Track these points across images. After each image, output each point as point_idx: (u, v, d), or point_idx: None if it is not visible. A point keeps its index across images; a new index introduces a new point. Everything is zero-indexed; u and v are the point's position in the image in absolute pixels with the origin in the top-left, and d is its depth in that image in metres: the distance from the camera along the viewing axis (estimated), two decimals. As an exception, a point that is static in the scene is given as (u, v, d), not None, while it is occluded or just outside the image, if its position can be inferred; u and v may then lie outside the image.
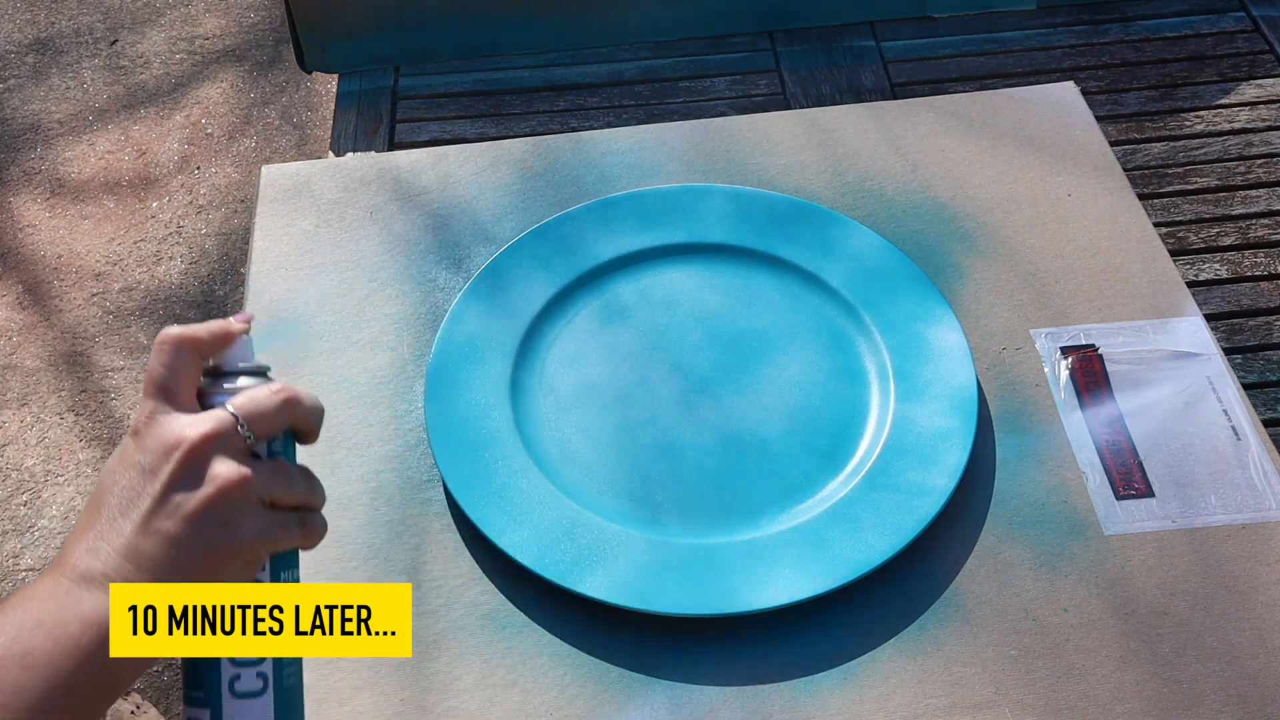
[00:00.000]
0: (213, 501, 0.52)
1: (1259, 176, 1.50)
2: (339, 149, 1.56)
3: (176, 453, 0.53)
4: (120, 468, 0.54)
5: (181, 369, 0.55)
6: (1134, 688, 0.70)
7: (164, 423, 0.54)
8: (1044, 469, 0.80)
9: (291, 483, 0.56)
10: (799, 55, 1.68)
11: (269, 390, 0.56)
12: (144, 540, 0.52)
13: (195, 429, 0.53)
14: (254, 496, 0.54)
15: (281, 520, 0.55)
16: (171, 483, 0.52)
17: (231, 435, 0.54)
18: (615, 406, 0.83)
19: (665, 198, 0.94)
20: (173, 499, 0.52)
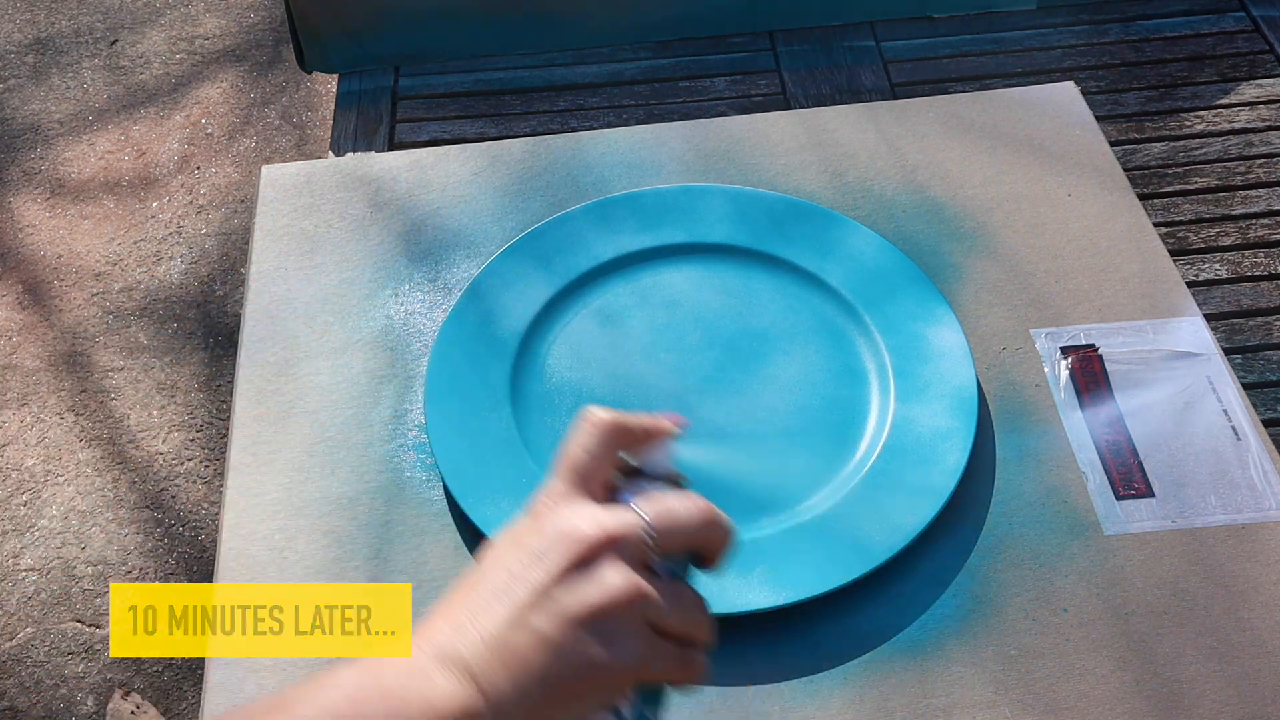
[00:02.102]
0: (599, 609, 0.47)
1: (1259, 176, 1.50)
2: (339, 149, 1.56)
3: (573, 545, 0.48)
4: (508, 546, 0.50)
5: (602, 457, 0.51)
6: (1134, 688, 0.70)
7: (567, 509, 0.50)
8: (1044, 469, 0.80)
9: (685, 610, 0.50)
10: (799, 55, 1.68)
11: (688, 502, 0.51)
12: (514, 634, 0.47)
13: (600, 525, 0.48)
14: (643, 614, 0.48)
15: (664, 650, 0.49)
16: (559, 577, 0.47)
17: (636, 542, 0.48)
18: (615, 406, 0.83)
19: (664, 198, 0.94)
20: (556, 594, 0.47)
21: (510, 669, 0.46)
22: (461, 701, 0.46)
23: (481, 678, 0.46)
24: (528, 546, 0.49)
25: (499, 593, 0.48)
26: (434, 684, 0.46)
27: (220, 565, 0.77)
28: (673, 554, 0.50)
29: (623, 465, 0.52)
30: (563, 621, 0.47)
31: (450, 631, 0.47)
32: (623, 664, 0.47)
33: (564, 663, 0.46)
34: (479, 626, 0.47)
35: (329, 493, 0.80)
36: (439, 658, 0.47)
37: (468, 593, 0.49)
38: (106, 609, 1.68)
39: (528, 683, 0.46)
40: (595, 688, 0.47)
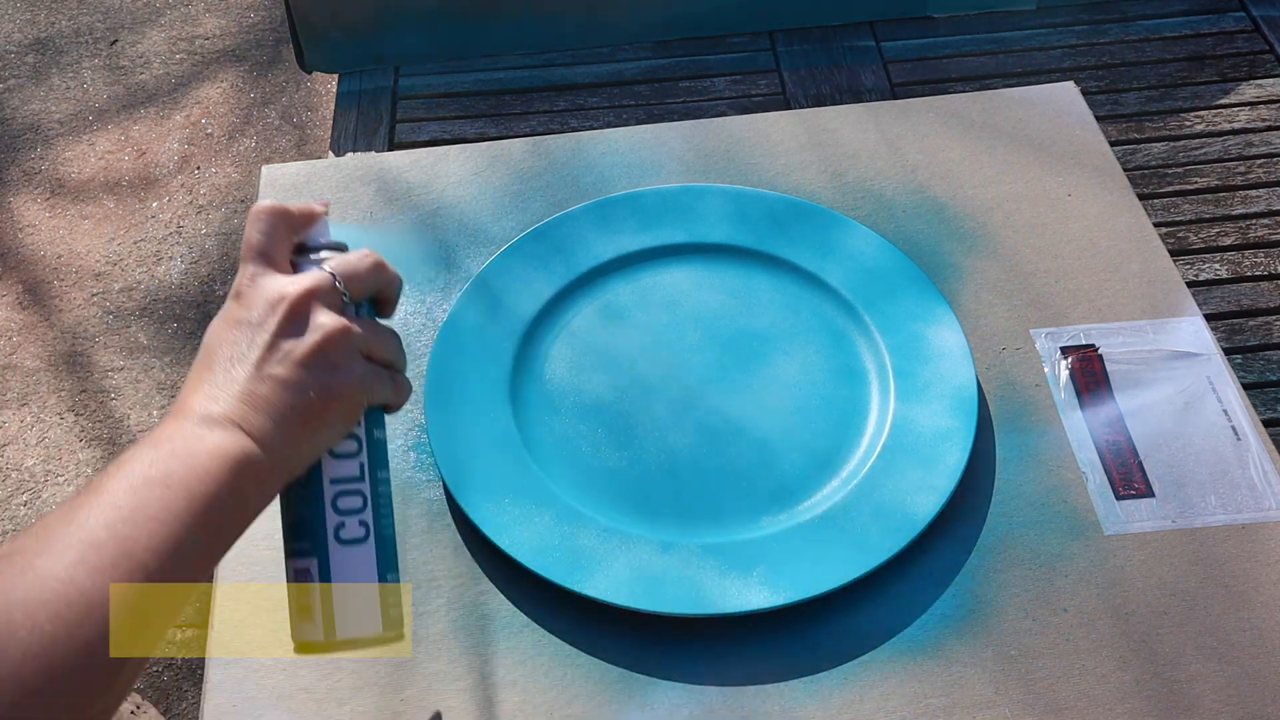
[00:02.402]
0: (319, 346, 0.57)
1: (1259, 176, 1.50)
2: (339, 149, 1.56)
3: (282, 305, 0.57)
4: (225, 326, 0.57)
5: (278, 236, 0.60)
6: (1134, 688, 0.70)
7: (267, 281, 0.58)
8: (1044, 469, 0.80)
9: (384, 339, 0.61)
10: (799, 55, 1.68)
11: (360, 254, 0.61)
12: (258, 385, 0.55)
13: (298, 284, 0.58)
14: (354, 346, 0.58)
15: (377, 372, 0.60)
16: (279, 332, 0.56)
17: (330, 291, 0.59)
18: (615, 406, 0.83)
19: (664, 198, 0.94)
20: (282, 346, 0.56)
21: (265, 412, 0.55)
22: (236, 444, 0.54)
23: (244, 424, 0.55)
24: (244, 319, 0.57)
25: (234, 360, 0.56)
26: (210, 439, 0.54)
27: (220, 565, 0.77)
28: (359, 301, 0.61)
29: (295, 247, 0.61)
30: (294, 363, 0.56)
31: (204, 400, 0.55)
32: (350, 384, 0.58)
33: (303, 394, 0.56)
34: (226, 391, 0.55)
35: (329, 493, 0.80)
36: (204, 422, 0.54)
37: (204, 372, 0.57)
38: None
39: (282, 418, 0.55)
40: (336, 411, 0.58)
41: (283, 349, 0.56)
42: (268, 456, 0.55)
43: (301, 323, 0.57)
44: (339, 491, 0.60)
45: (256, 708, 0.70)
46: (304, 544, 0.60)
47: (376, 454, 0.62)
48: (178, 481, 0.52)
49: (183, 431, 0.54)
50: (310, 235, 0.62)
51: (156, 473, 0.52)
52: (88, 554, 0.48)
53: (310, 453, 0.58)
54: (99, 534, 0.49)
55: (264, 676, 0.71)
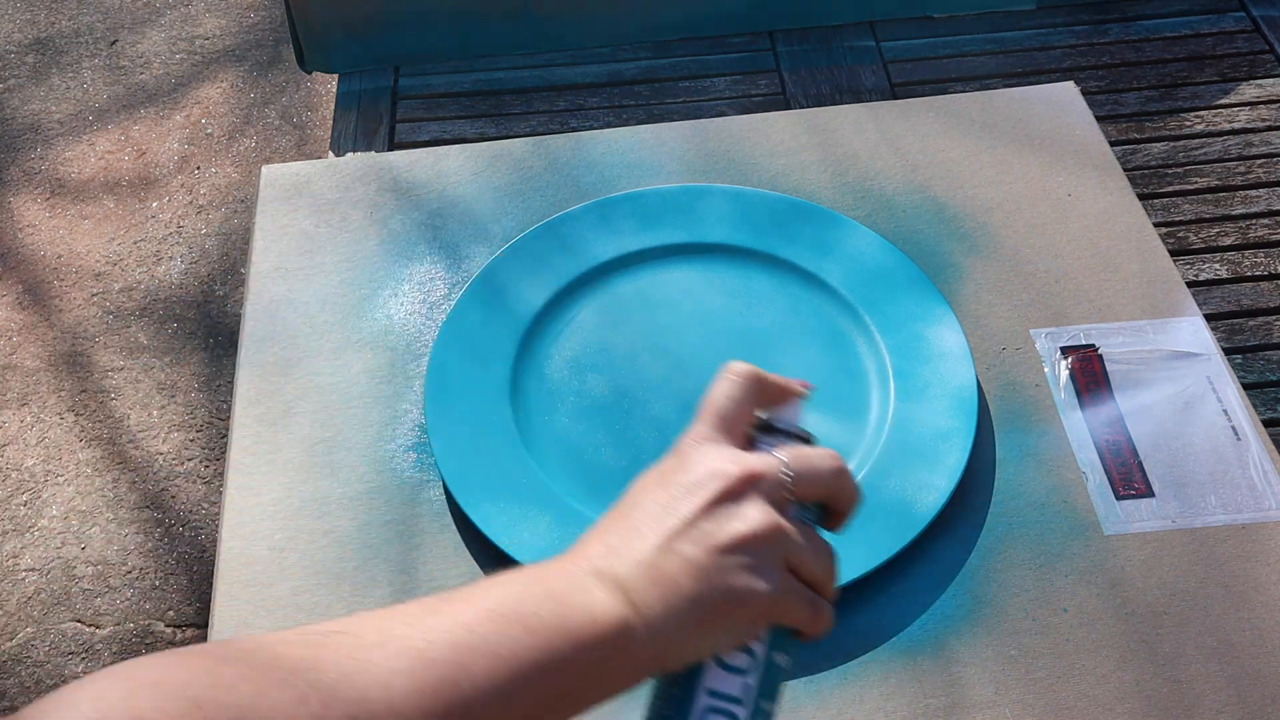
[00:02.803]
0: (744, 539, 0.50)
1: (1259, 176, 1.50)
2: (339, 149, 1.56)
3: (718, 480, 0.51)
4: (651, 483, 0.53)
5: (744, 405, 0.55)
6: (1134, 688, 0.70)
7: (713, 449, 0.53)
8: (1044, 469, 0.80)
9: (819, 554, 0.53)
10: (799, 55, 1.68)
11: (823, 453, 0.54)
12: (665, 558, 0.50)
13: (743, 464, 0.52)
14: (782, 552, 0.51)
15: (799, 590, 0.52)
16: (706, 509, 0.50)
17: (776, 483, 0.52)
18: (615, 406, 0.83)
19: (665, 198, 0.94)
20: (703, 525, 0.50)
21: (661, 590, 0.49)
22: (618, 614, 0.48)
23: (635, 595, 0.48)
24: (676, 482, 0.52)
25: (650, 521, 0.51)
26: (593, 595, 0.48)
27: (220, 565, 0.77)
28: (806, 504, 0.53)
29: (757, 421, 0.55)
30: (710, 549, 0.49)
31: (604, 553, 0.50)
32: (763, 592, 0.50)
33: (710, 586, 0.49)
34: (632, 551, 0.50)
35: (329, 493, 0.80)
36: (595, 574, 0.49)
37: (618, 521, 0.51)
38: (106, 609, 1.68)
39: (677, 604, 0.49)
40: (737, 615, 0.50)
41: (704, 529, 0.50)
42: (647, 639, 0.48)
43: (733, 507, 0.50)
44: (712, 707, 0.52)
45: (256, 708, 0.70)
46: None
47: (769, 680, 0.53)
48: (541, 628, 0.46)
49: (569, 577, 0.49)
50: (779, 414, 0.56)
51: (525, 610, 0.47)
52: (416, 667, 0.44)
53: (693, 653, 0.51)
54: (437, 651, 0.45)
55: (264, 676, 0.71)
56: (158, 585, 1.71)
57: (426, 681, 0.43)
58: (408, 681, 0.43)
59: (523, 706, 0.45)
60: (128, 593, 1.70)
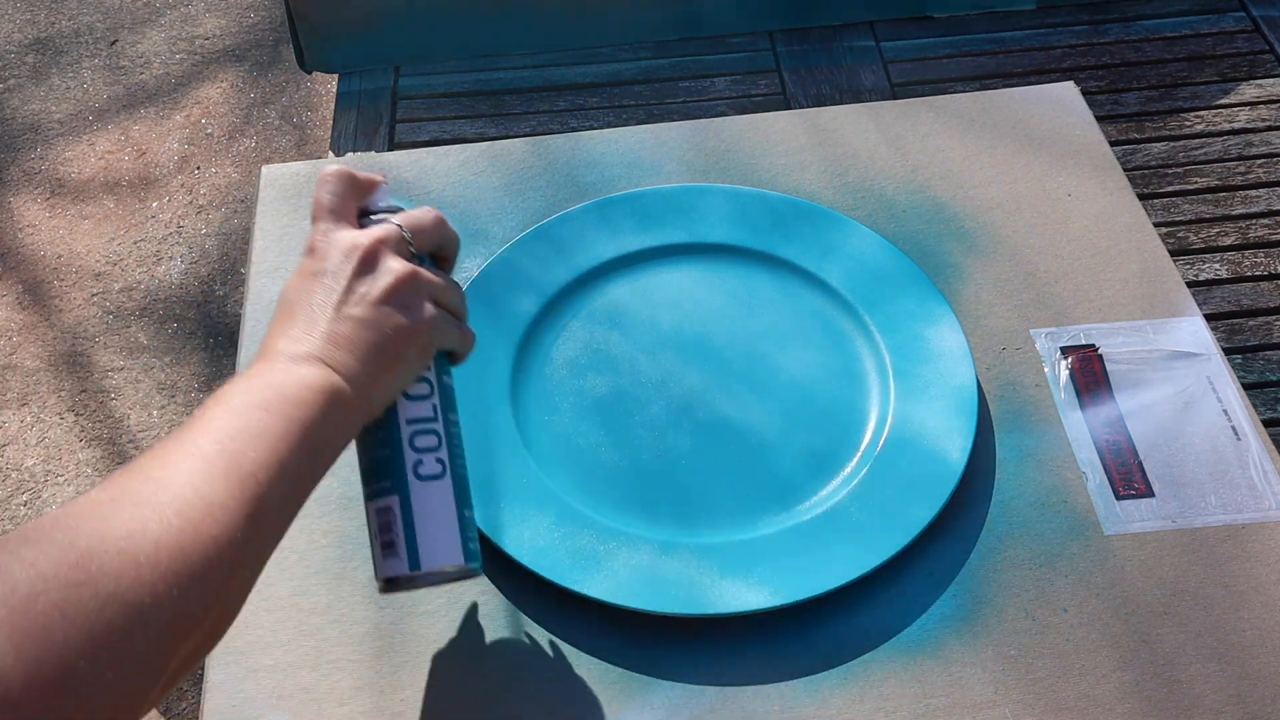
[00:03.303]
0: (393, 287, 0.61)
1: (1259, 176, 1.50)
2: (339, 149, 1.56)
3: (355, 253, 0.62)
4: (301, 279, 0.62)
5: (346, 197, 0.65)
6: (1134, 688, 0.70)
7: (339, 234, 0.63)
8: (1044, 469, 0.80)
9: (450, 288, 0.65)
10: (799, 55, 1.68)
11: (424, 210, 0.66)
12: (339, 325, 0.60)
13: (369, 235, 0.63)
14: (424, 291, 0.63)
15: (445, 317, 0.65)
16: (354, 276, 0.61)
17: (399, 241, 0.63)
18: (615, 406, 0.83)
19: (665, 198, 0.94)
20: (357, 289, 0.61)
21: (347, 349, 0.59)
22: (324, 379, 0.58)
23: (329, 360, 0.59)
24: (320, 270, 0.62)
25: (314, 306, 0.61)
26: (301, 374, 0.58)
27: (220, 565, 0.77)
28: (422, 256, 0.66)
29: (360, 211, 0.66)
30: (370, 304, 0.61)
31: (289, 343, 0.59)
32: (422, 323, 0.62)
33: (381, 332, 0.60)
34: (312, 331, 0.60)
35: (329, 493, 0.80)
36: (292, 359, 0.58)
37: (285, 318, 0.61)
38: (106, 609, 1.68)
39: (363, 354, 0.60)
40: (409, 348, 0.62)
41: (359, 292, 0.61)
42: (352, 390, 0.58)
43: (374, 268, 0.61)
44: (415, 431, 0.64)
45: (256, 708, 0.70)
46: (385, 483, 0.63)
47: (447, 397, 0.66)
48: (275, 407, 0.55)
49: (274, 368, 0.58)
50: (372, 200, 0.66)
51: (255, 400, 0.55)
52: (200, 465, 0.51)
53: (389, 389, 0.62)
54: (208, 449, 0.52)
55: (264, 677, 0.71)
56: (158, 585, 1.71)
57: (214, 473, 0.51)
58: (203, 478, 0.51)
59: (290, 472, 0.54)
60: (128, 593, 1.70)
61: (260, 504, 0.52)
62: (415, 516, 0.63)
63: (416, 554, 0.63)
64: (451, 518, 0.64)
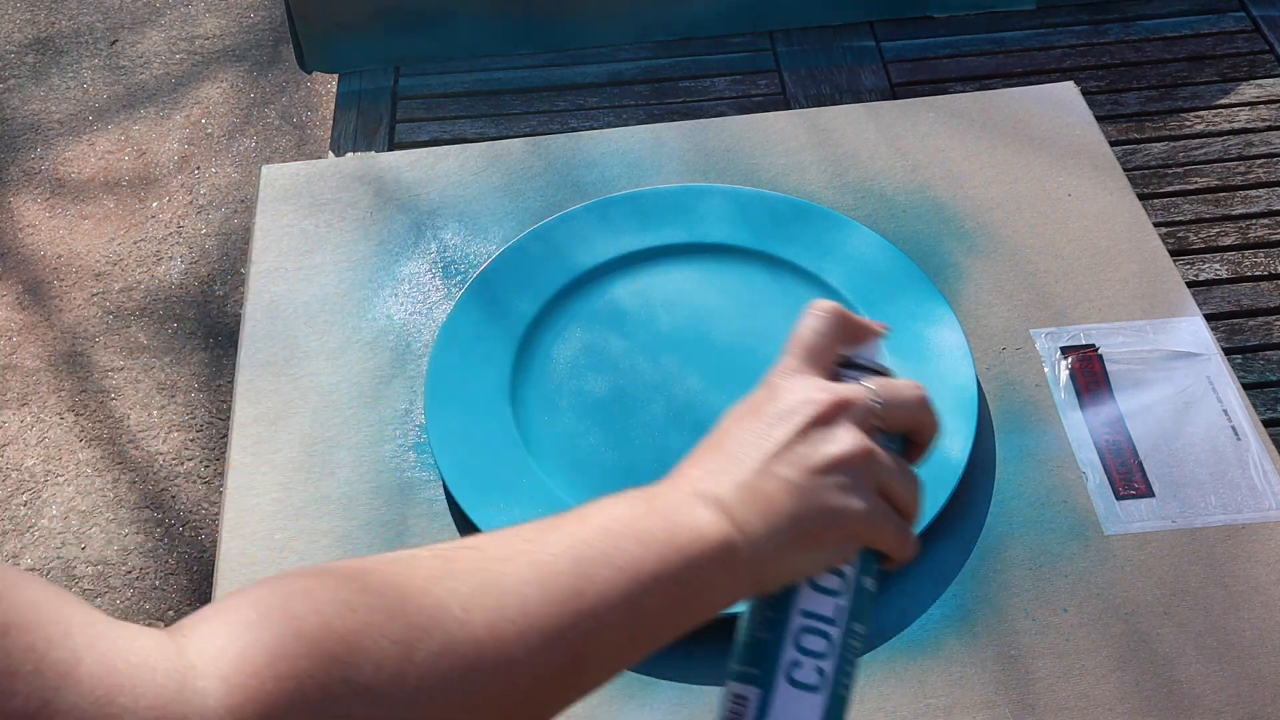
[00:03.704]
0: (839, 460, 0.52)
1: (1259, 176, 1.50)
2: (339, 149, 1.56)
3: (810, 407, 0.53)
4: (745, 411, 0.55)
5: (830, 339, 0.56)
6: (1134, 688, 0.70)
7: (803, 380, 0.55)
8: (1044, 469, 0.80)
9: (906, 480, 0.55)
10: (799, 55, 1.68)
11: (908, 383, 0.56)
12: (763, 480, 0.51)
13: (834, 392, 0.54)
14: (873, 475, 0.53)
15: (889, 513, 0.54)
16: (801, 434, 0.52)
17: (866, 410, 0.54)
18: (615, 406, 0.83)
19: (665, 198, 0.94)
20: (798, 449, 0.52)
21: (761, 509, 0.51)
22: (722, 531, 0.50)
23: (736, 514, 0.50)
24: (769, 410, 0.54)
25: (746, 447, 0.53)
26: (698, 514, 0.50)
27: (220, 565, 0.77)
28: (890, 435, 0.55)
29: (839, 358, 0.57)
30: (806, 470, 0.51)
31: (704, 477, 0.52)
32: (857, 511, 0.52)
33: (808, 505, 0.51)
34: (731, 474, 0.52)
35: (329, 493, 0.80)
36: (698, 495, 0.51)
37: (713, 450, 0.53)
38: (106, 609, 1.68)
39: (777, 522, 0.51)
40: (832, 535, 0.52)
41: (799, 452, 0.52)
42: (749, 556, 0.50)
43: (826, 432, 0.52)
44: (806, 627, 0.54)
45: (256, 708, 0.70)
46: (751, 670, 0.54)
47: (860, 603, 0.54)
48: (652, 542, 0.48)
49: (674, 499, 0.51)
50: (860, 352, 0.58)
51: (637, 527, 0.49)
52: (544, 577, 0.45)
53: (791, 571, 0.52)
54: (561, 562, 0.46)
55: (264, 676, 0.71)
56: (158, 585, 1.71)
57: (554, 591, 0.45)
58: (538, 592, 0.45)
59: (640, 617, 0.47)
60: (128, 593, 1.70)
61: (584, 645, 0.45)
62: None
63: None
64: None
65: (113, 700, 0.33)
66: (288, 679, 0.37)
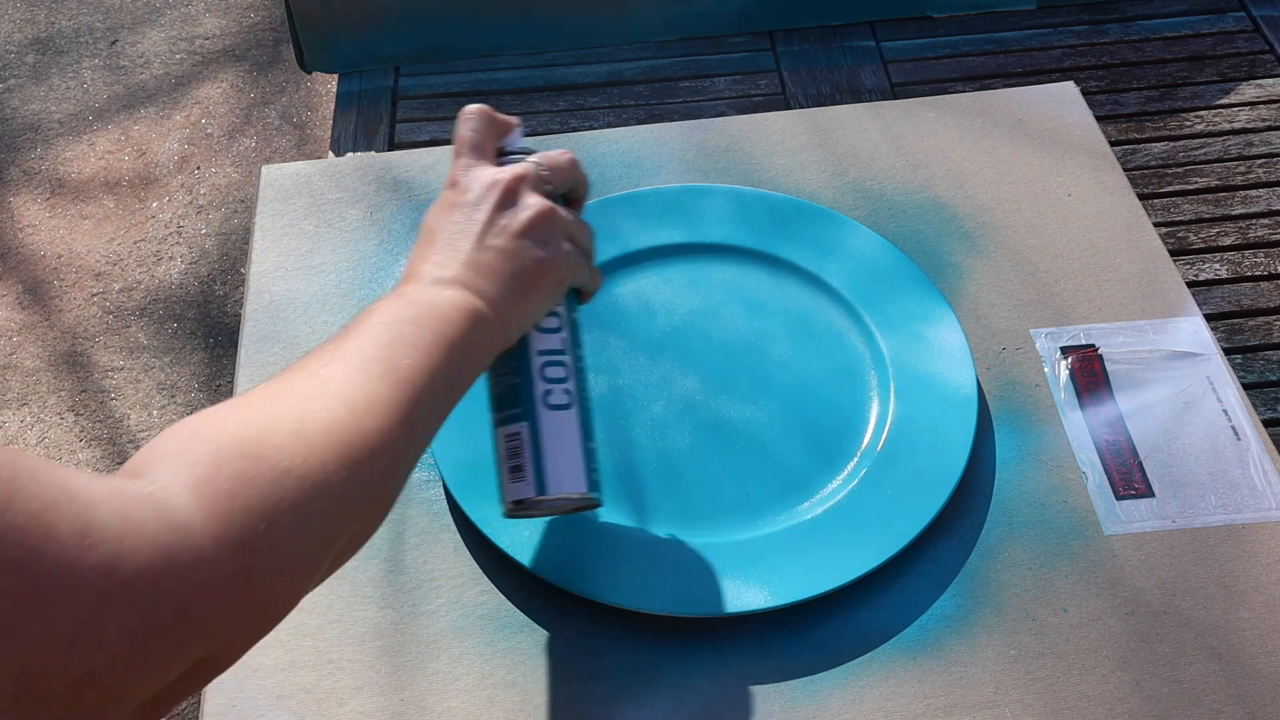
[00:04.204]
0: (532, 220, 0.64)
1: (1259, 176, 1.50)
2: (339, 149, 1.56)
3: (496, 188, 0.64)
4: (443, 210, 0.65)
5: (487, 134, 0.67)
6: (1134, 688, 0.70)
7: (481, 170, 0.66)
8: (1044, 469, 0.80)
9: (582, 226, 0.68)
10: (799, 55, 1.68)
11: (560, 151, 0.69)
12: (481, 254, 0.62)
13: (509, 171, 0.65)
14: (560, 226, 0.65)
15: (578, 254, 0.67)
16: (495, 210, 0.64)
17: (537, 179, 0.66)
18: (615, 406, 0.83)
19: (665, 198, 0.94)
20: (499, 221, 0.63)
21: (489, 277, 0.62)
22: (468, 301, 0.60)
23: (471, 286, 0.61)
24: (462, 202, 0.64)
25: (458, 236, 0.63)
26: (446, 295, 0.60)
27: (220, 565, 0.77)
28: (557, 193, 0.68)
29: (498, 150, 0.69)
30: (510, 235, 0.63)
31: (434, 268, 0.62)
32: (559, 257, 0.65)
33: (521, 262, 0.63)
34: (455, 258, 0.62)
35: (329, 493, 0.80)
36: (436, 283, 0.61)
37: (427, 246, 0.63)
38: (106, 609, 1.68)
39: (503, 282, 0.62)
40: (545, 281, 0.64)
41: (499, 224, 0.63)
42: (493, 317, 0.61)
43: (514, 202, 0.64)
44: (545, 362, 0.66)
45: (257, 708, 0.70)
46: (515, 410, 0.66)
47: (575, 334, 0.69)
48: (425, 322, 0.58)
49: (421, 289, 0.60)
50: (508, 140, 0.69)
51: (406, 314, 0.58)
52: (360, 365, 0.54)
53: (525, 319, 0.64)
54: (368, 352, 0.55)
55: (264, 677, 0.71)
56: (158, 585, 1.71)
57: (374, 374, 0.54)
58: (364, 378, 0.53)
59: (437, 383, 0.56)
60: (128, 593, 1.70)
61: (416, 406, 0.54)
62: (543, 443, 0.65)
63: (544, 479, 0.65)
64: (576, 447, 0.66)
65: (129, 514, 0.41)
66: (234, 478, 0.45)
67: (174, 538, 0.42)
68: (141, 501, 0.42)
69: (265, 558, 0.45)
